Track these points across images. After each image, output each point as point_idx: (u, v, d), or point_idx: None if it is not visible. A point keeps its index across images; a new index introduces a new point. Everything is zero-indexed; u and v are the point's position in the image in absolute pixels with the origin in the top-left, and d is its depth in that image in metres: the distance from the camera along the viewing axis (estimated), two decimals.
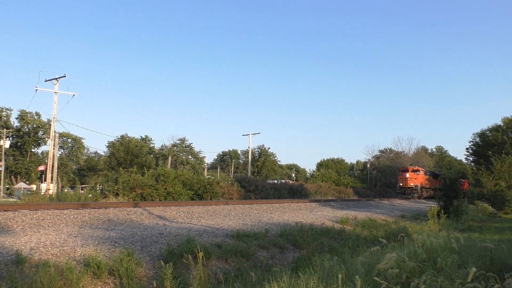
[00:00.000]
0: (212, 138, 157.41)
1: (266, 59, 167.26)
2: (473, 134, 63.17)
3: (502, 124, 54.66)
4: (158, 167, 36.90)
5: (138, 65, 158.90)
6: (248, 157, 65.41)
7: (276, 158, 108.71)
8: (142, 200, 22.77)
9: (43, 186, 36.78)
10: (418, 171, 46.82)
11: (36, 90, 35.76)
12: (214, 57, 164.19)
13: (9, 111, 76.04)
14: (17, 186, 59.70)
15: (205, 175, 38.79)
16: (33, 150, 79.14)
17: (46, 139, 74.85)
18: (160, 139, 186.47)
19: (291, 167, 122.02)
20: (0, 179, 50.71)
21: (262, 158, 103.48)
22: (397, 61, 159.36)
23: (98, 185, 31.09)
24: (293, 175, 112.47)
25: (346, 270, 5.22)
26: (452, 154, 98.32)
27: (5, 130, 60.99)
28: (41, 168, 59.14)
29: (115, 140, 69.05)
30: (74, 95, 37.29)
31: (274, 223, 13.52)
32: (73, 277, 5.83)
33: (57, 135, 48.09)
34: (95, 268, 6.29)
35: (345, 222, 15.66)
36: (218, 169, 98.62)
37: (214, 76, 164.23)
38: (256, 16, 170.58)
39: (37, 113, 77.78)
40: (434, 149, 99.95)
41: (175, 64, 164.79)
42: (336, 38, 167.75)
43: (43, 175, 57.10)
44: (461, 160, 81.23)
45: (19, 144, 75.67)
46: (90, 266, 6.32)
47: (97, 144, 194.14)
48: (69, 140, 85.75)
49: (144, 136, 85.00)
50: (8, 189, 59.72)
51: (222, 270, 7.64)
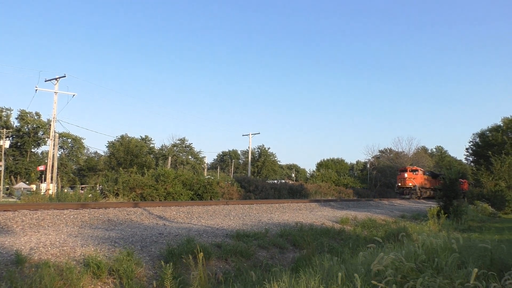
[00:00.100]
0: (212, 138, 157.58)
1: (266, 59, 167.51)
2: (473, 134, 63.33)
3: (502, 124, 54.74)
4: (158, 167, 36.91)
5: (138, 65, 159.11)
6: (248, 157, 65.42)
7: (276, 158, 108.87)
8: (142, 200, 22.77)
9: (43, 186, 36.77)
10: (416, 171, 46.42)
11: (36, 90, 35.82)
12: (214, 57, 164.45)
13: (9, 111, 76.12)
14: (17, 186, 59.66)
15: (205, 175, 38.79)
16: (33, 150, 79.15)
17: (46, 139, 74.87)
18: (160, 139, 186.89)
19: (291, 167, 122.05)
20: (0, 179, 50.70)
21: (262, 158, 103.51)
22: (397, 61, 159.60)
23: (98, 185, 31.09)
24: (293, 175, 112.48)
25: (346, 270, 5.22)
26: (452, 154, 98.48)
27: (5, 130, 60.98)
28: (41, 168, 59.13)
29: (115, 140, 69.13)
30: (74, 95, 37.35)
31: (274, 223, 13.52)
32: (73, 277, 5.83)
33: (57, 135, 48.08)
34: (95, 268, 6.29)
35: (345, 222, 15.65)
36: (218, 169, 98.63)
37: (214, 76, 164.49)
38: (256, 16, 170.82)
39: (37, 113, 77.88)
40: (434, 149, 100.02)
41: (175, 64, 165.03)
42: (336, 38, 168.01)
43: (43, 175, 57.10)
44: (461, 160, 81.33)
45: (19, 144, 75.67)
46: (90, 266, 6.32)
47: (97, 144, 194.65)
48: (69, 140, 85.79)
49: (144, 136, 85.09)
50: (8, 189, 59.70)
51: (222, 270, 7.64)
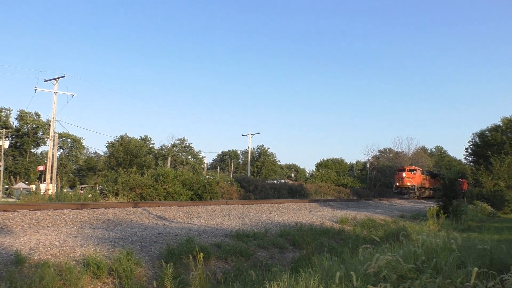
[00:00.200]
0: (211, 138, 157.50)
1: (266, 59, 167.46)
2: (473, 134, 63.34)
3: (501, 124, 54.76)
4: (157, 167, 36.89)
5: (138, 65, 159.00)
6: (247, 157, 65.41)
7: (275, 158, 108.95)
8: (142, 200, 22.76)
9: (43, 186, 36.74)
10: (415, 170, 46.01)
11: (36, 90, 35.75)
12: (214, 57, 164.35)
13: (8, 111, 76.07)
14: (17, 186, 59.61)
15: (204, 175, 38.77)
16: (32, 150, 79.10)
17: (46, 139, 74.81)
18: (160, 139, 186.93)
19: (290, 167, 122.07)
20: (0, 179, 50.67)
21: (262, 158, 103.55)
22: (397, 61, 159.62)
23: (97, 185, 31.08)
24: (293, 175, 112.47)
25: (345, 270, 5.22)
26: (452, 154, 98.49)
27: (4, 130, 60.95)
28: (41, 168, 59.13)
29: (114, 140, 69.13)
30: (73, 95, 37.27)
31: (273, 223, 13.52)
32: (72, 277, 5.83)
33: (57, 135, 48.07)
34: (94, 268, 6.29)
35: (344, 222, 15.66)
36: (218, 169, 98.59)
37: (214, 76, 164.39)
38: (256, 16, 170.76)
39: (36, 113, 77.83)
40: (434, 149, 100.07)
41: (175, 64, 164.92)
42: (336, 38, 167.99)
43: (43, 175, 57.07)
44: (460, 160, 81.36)
45: (18, 144, 75.63)
46: (90, 266, 6.32)
47: (96, 144, 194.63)
48: (69, 140, 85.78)
49: (143, 136, 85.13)
50: (7, 189, 59.66)
51: (222, 270, 7.64)
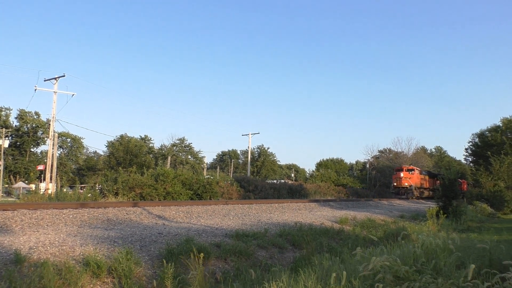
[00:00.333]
0: (211, 138, 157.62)
1: (266, 59, 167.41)
2: (472, 134, 63.41)
3: (501, 125, 54.79)
4: (157, 167, 36.91)
5: (138, 64, 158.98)
6: (247, 157, 65.42)
7: (275, 158, 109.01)
8: (142, 200, 22.76)
9: (42, 185, 36.71)
10: (413, 170, 45.46)
11: (35, 90, 35.77)
12: (214, 57, 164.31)
13: (8, 111, 76.12)
14: (16, 185, 59.61)
15: (204, 175, 38.78)
16: (32, 150, 79.10)
17: (45, 138, 74.84)
18: (160, 139, 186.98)
19: (290, 167, 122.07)
20: None
21: (262, 158, 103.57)
22: (397, 61, 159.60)
23: (97, 185, 31.08)
24: (293, 175, 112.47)
25: (345, 270, 5.22)
26: (451, 155, 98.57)
27: (4, 129, 60.97)
28: (40, 167, 59.09)
29: (114, 139, 69.22)
30: (73, 95, 37.30)
31: (273, 223, 13.52)
32: (72, 277, 5.83)
33: (56, 134, 48.07)
34: (94, 267, 6.29)
35: (344, 222, 15.66)
36: (218, 169, 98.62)
37: (214, 76, 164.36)
38: (256, 16, 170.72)
39: (36, 113, 77.88)
40: (434, 150, 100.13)
41: (175, 64, 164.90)
42: (336, 38, 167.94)
43: (42, 175, 57.05)
44: (460, 160, 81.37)
45: (18, 143, 75.63)
46: (89, 265, 6.32)
47: (96, 143, 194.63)
48: (68, 139, 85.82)
49: (143, 136, 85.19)
50: (7, 188, 59.64)
51: (221, 269, 7.64)
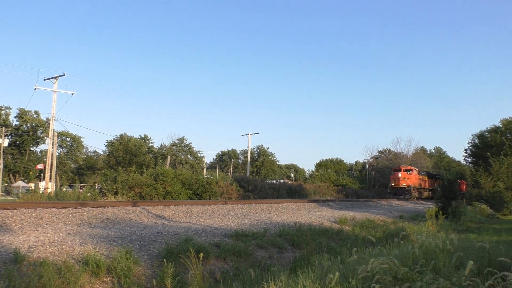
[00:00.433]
0: (211, 138, 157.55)
1: (266, 59, 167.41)
2: (472, 135, 63.54)
3: (500, 126, 54.83)
4: (157, 167, 36.90)
5: (138, 64, 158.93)
6: (247, 157, 65.43)
7: (275, 158, 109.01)
8: (141, 199, 22.76)
9: (42, 184, 36.70)
10: (411, 170, 45.00)
11: (35, 89, 35.77)
12: (214, 57, 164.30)
13: (8, 110, 76.11)
14: (16, 184, 59.59)
15: (204, 174, 38.77)
16: (31, 149, 79.10)
17: (45, 137, 74.80)
18: (159, 139, 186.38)
19: (290, 167, 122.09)
20: None
21: (261, 158, 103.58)
22: (397, 61, 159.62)
23: (97, 184, 31.08)
24: (292, 175, 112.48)
25: (345, 270, 5.23)
26: (451, 155, 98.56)
27: (4, 128, 60.96)
28: (40, 166, 59.03)
29: (114, 139, 69.22)
30: (73, 94, 37.30)
31: (272, 223, 13.52)
32: (71, 276, 5.83)
33: (56, 134, 48.04)
34: (93, 266, 6.29)
35: (343, 223, 15.67)
36: (217, 168, 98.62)
37: (214, 76, 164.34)
38: (256, 16, 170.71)
39: (36, 112, 77.91)
40: (433, 150, 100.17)
41: (175, 64, 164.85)
42: (336, 38, 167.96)
43: (42, 174, 57.02)
44: (459, 161, 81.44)
45: (17, 142, 75.62)
46: (89, 264, 6.32)
47: (96, 143, 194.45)
48: (68, 139, 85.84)
49: (143, 136, 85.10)
50: (6, 187, 59.61)
51: (221, 269, 7.64)
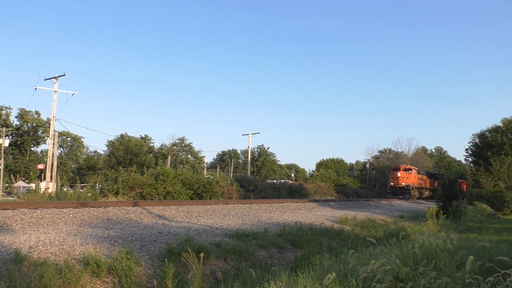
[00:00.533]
0: (211, 138, 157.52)
1: (266, 59, 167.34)
2: (473, 135, 63.30)
3: (501, 125, 54.69)
4: (157, 167, 36.90)
5: (138, 64, 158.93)
6: (247, 157, 65.43)
7: (275, 158, 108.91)
8: (142, 199, 22.77)
9: (43, 185, 36.72)
10: (410, 170, 44.73)
11: (36, 89, 35.80)
12: (214, 57, 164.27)
13: (8, 110, 76.17)
14: (16, 184, 59.65)
15: (204, 174, 38.78)
16: (32, 149, 79.17)
17: (46, 138, 74.83)
18: (160, 139, 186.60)
19: (290, 167, 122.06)
20: (0, 178, 50.67)
21: (262, 158, 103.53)
22: (397, 61, 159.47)
23: (97, 184, 31.08)
24: (293, 175, 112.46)
25: (345, 270, 5.23)
26: (452, 155, 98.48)
27: (4, 128, 61.03)
28: (41, 167, 59.09)
29: (114, 139, 69.27)
30: (73, 94, 37.34)
31: (273, 223, 13.53)
32: (72, 276, 5.83)
33: (57, 134, 48.10)
34: (94, 266, 6.29)
35: (344, 222, 15.66)
36: (218, 168, 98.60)
37: (214, 76, 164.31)
38: (256, 16, 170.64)
39: (36, 112, 77.97)
40: (434, 150, 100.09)
41: (175, 64, 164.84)
42: (336, 38, 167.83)
43: (42, 174, 57.07)
44: (460, 161, 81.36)
45: (18, 142, 75.68)
46: (89, 264, 6.32)
47: (96, 143, 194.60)
48: (69, 139, 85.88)
49: (143, 136, 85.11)
50: (7, 187, 59.67)
51: (221, 269, 7.64)
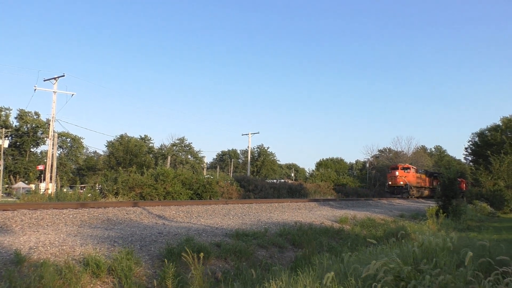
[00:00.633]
0: (211, 138, 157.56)
1: (266, 59, 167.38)
2: (472, 133, 63.29)
3: (501, 124, 54.69)
4: (157, 167, 36.89)
5: (138, 64, 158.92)
6: (247, 157, 65.42)
7: (275, 158, 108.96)
8: (142, 200, 22.76)
9: (42, 185, 36.69)
10: (408, 169, 44.55)
11: (35, 90, 35.70)
12: (214, 57, 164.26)
13: (8, 111, 76.06)
14: (16, 185, 59.60)
15: (204, 174, 38.77)
16: (32, 150, 79.07)
17: (45, 138, 74.79)
18: (160, 139, 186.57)
19: (290, 166, 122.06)
20: None
21: (262, 157, 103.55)
22: (397, 61, 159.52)
23: (97, 185, 31.09)
24: (293, 174, 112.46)
25: (346, 269, 5.23)
26: (451, 154, 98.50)
27: (4, 129, 60.97)
28: (40, 167, 59.10)
29: (114, 139, 69.20)
30: (73, 95, 37.22)
31: (273, 223, 13.53)
32: (72, 276, 5.83)
33: (56, 134, 48.05)
34: (94, 267, 6.29)
35: (344, 222, 15.67)
36: (218, 168, 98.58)
37: (214, 76, 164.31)
38: (256, 16, 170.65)
39: (36, 113, 77.81)
40: (433, 149, 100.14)
41: (175, 64, 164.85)
42: (336, 38, 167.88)
43: (42, 175, 57.05)
44: (460, 160, 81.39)
45: (18, 143, 75.60)
46: (89, 265, 6.32)
47: (96, 143, 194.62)
48: (68, 139, 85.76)
49: (143, 136, 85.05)
50: (7, 188, 59.63)
51: (222, 269, 7.64)
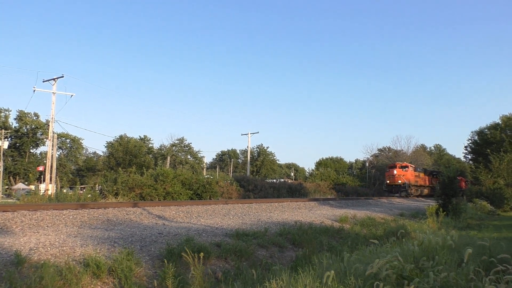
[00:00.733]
0: (211, 138, 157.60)
1: (266, 59, 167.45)
2: (472, 132, 63.31)
3: (500, 122, 54.72)
4: (157, 167, 36.88)
5: (137, 65, 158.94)
6: (247, 157, 65.42)
7: (275, 157, 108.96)
8: (141, 200, 22.77)
9: (42, 186, 36.66)
10: (406, 167, 44.40)
11: (34, 91, 35.71)
12: (214, 57, 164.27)
13: (7, 112, 76.01)
14: (16, 186, 59.55)
15: (204, 174, 38.77)
16: (31, 151, 79.05)
17: (45, 139, 74.70)
18: (159, 139, 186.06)
19: (290, 166, 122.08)
20: None
21: (261, 157, 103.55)
22: (397, 61, 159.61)
23: (97, 185, 31.09)
24: (292, 174, 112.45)
25: (346, 268, 5.23)
26: (451, 153, 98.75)
27: (3, 130, 60.92)
28: (40, 168, 59.08)
29: (113, 140, 69.17)
30: (72, 96, 37.24)
31: (273, 222, 13.53)
32: (72, 277, 5.83)
33: (56, 135, 48.00)
34: (94, 268, 6.28)
35: (344, 221, 15.68)
36: (217, 168, 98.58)
37: (214, 76, 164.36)
38: (256, 16, 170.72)
39: (35, 114, 77.76)
40: (433, 148, 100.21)
41: (174, 64, 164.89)
42: (336, 38, 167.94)
43: (42, 176, 57.02)
44: (459, 158, 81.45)
45: (17, 144, 75.57)
46: (90, 266, 6.31)
47: (95, 144, 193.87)
48: (68, 140, 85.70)
49: (143, 136, 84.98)
50: (7, 190, 59.58)
51: (222, 269, 7.64)
